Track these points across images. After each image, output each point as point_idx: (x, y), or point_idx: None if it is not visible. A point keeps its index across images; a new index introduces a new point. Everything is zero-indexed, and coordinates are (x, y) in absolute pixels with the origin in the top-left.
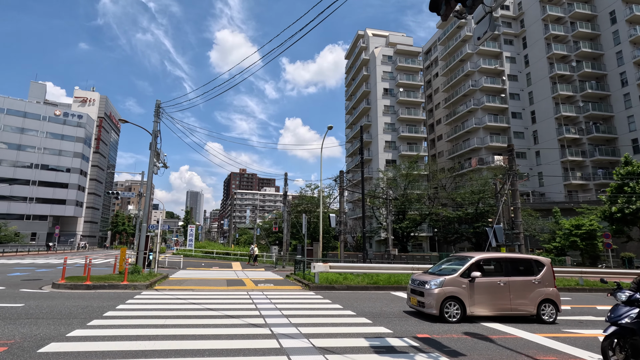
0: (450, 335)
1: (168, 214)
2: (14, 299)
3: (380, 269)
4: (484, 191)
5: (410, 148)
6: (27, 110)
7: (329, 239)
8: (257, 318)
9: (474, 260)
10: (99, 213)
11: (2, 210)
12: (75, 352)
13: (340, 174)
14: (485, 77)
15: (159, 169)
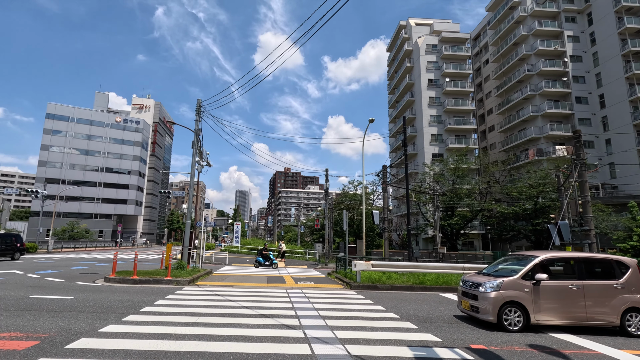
0: (512, 347)
1: (219, 213)
2: (66, 292)
3: (427, 268)
4: (545, 184)
5: (458, 141)
6: (93, 119)
7: (373, 237)
8: (292, 319)
9: (538, 260)
10: (156, 212)
11: (74, 210)
12: (99, 349)
13: (383, 168)
14: (544, 60)
15: (203, 167)
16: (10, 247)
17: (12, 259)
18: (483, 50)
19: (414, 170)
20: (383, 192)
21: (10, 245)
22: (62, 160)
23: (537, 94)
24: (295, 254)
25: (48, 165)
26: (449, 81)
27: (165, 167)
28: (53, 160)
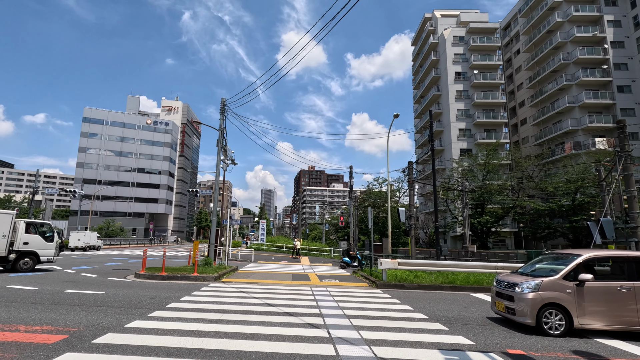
0: (554, 353)
1: (245, 211)
2: (98, 287)
3: (456, 267)
4: (583, 179)
5: (488, 135)
6: (126, 121)
7: (399, 235)
8: (316, 317)
9: (581, 259)
10: (185, 210)
11: (109, 209)
12: (124, 345)
13: (409, 164)
14: (581, 48)
15: (228, 165)
16: None
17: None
18: (514, 40)
19: (441, 167)
20: (409, 188)
21: None
22: (98, 161)
23: (574, 83)
24: (320, 252)
25: (85, 166)
26: (477, 73)
27: (193, 166)
28: (90, 161)
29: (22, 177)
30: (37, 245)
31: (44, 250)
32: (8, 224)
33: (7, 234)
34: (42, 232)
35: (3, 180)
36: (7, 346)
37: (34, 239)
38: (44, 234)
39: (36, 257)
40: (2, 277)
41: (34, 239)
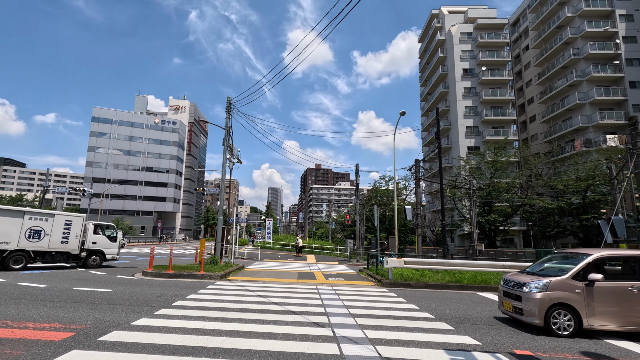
0: (563, 354)
1: (252, 209)
2: (106, 285)
3: (463, 266)
4: (594, 177)
5: (496, 132)
6: (134, 120)
7: (405, 233)
8: (321, 316)
9: (591, 259)
10: (193, 209)
11: (118, 207)
12: (129, 342)
13: (416, 162)
14: (592, 43)
15: (234, 164)
16: None
17: None
18: (523, 36)
19: (449, 164)
20: (416, 187)
21: None
22: (107, 160)
23: (585, 79)
24: (326, 250)
25: (95, 165)
26: (485, 70)
27: (200, 165)
28: (99, 160)
29: (34, 176)
30: (103, 244)
31: (109, 249)
32: (80, 226)
33: (79, 235)
34: (107, 233)
35: (15, 180)
36: (15, 343)
37: (101, 239)
38: (109, 235)
39: (102, 255)
40: (13, 274)
41: (100, 239)
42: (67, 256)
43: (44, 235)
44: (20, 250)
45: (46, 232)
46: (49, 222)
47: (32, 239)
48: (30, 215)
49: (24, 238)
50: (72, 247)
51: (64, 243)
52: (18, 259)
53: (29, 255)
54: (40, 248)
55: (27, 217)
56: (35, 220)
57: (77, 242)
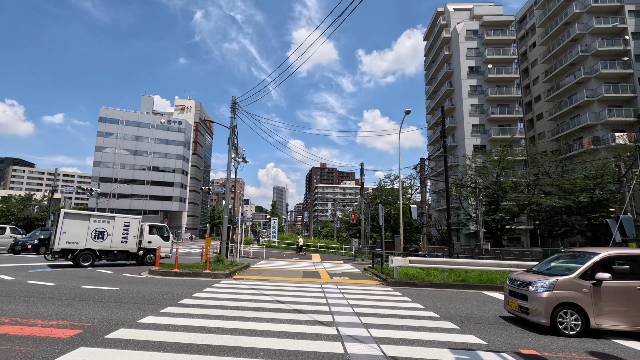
0: (569, 354)
1: (257, 208)
2: (113, 283)
3: (469, 265)
4: (602, 175)
5: (502, 131)
6: (140, 120)
7: (411, 232)
8: (326, 315)
9: (598, 258)
10: (198, 208)
11: (125, 207)
12: (136, 340)
13: (421, 161)
14: (600, 40)
15: (239, 163)
16: None
17: None
18: (529, 33)
19: (454, 163)
20: (421, 185)
21: None
22: (114, 160)
23: (593, 76)
24: (332, 249)
25: (102, 165)
26: (491, 68)
27: (206, 164)
28: (106, 160)
29: (42, 176)
30: (158, 244)
31: (163, 247)
32: (137, 227)
33: (137, 235)
34: (161, 233)
35: (24, 179)
36: (24, 340)
37: (156, 239)
38: (163, 235)
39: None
40: (22, 273)
41: (155, 238)
42: (127, 254)
43: (106, 235)
44: (88, 249)
45: (108, 233)
46: (111, 224)
47: (97, 239)
48: (94, 218)
49: (91, 238)
50: (130, 246)
51: (123, 242)
52: (86, 257)
53: (95, 254)
54: (104, 247)
55: (92, 220)
56: (99, 223)
57: (135, 242)
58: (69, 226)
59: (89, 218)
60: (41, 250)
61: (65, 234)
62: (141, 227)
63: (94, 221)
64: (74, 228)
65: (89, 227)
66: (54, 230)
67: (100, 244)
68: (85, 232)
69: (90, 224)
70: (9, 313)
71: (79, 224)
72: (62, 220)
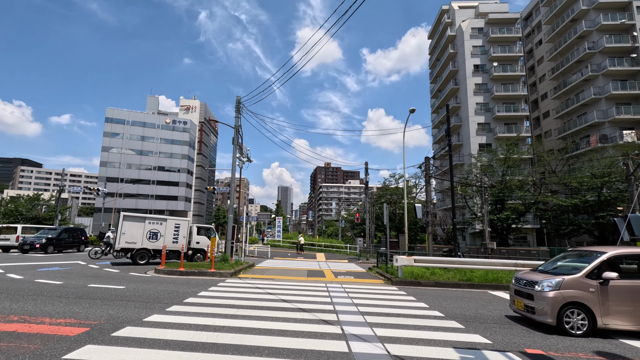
0: (576, 354)
1: (262, 208)
2: (120, 282)
3: (474, 264)
4: (610, 174)
5: (508, 129)
6: (146, 121)
7: (416, 231)
8: (330, 314)
9: (605, 257)
10: (204, 207)
11: (131, 206)
12: (142, 338)
13: (426, 160)
14: (607, 36)
15: (244, 162)
16: (76, 240)
17: (78, 251)
18: (535, 30)
19: (460, 162)
20: (426, 184)
21: (76, 239)
22: (120, 160)
23: (600, 74)
24: (336, 249)
25: (108, 165)
26: (497, 66)
27: (211, 164)
28: (112, 160)
29: (50, 176)
30: (205, 244)
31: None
32: (186, 228)
33: (186, 236)
34: (208, 234)
35: (32, 179)
36: (33, 338)
37: (203, 239)
38: (209, 236)
39: (204, 252)
40: (31, 272)
41: (203, 239)
42: (177, 254)
43: (159, 236)
44: (143, 248)
45: (161, 234)
46: (163, 226)
47: (151, 239)
48: (149, 220)
49: (146, 239)
50: (180, 246)
51: (174, 243)
52: (142, 256)
53: (150, 253)
54: (157, 247)
55: (147, 222)
56: (153, 224)
57: (185, 242)
58: (128, 227)
59: (144, 220)
60: (49, 250)
61: (125, 234)
62: (190, 229)
63: (149, 223)
64: (131, 229)
65: (144, 228)
66: (116, 231)
67: (154, 244)
68: (141, 233)
69: (145, 225)
70: (18, 311)
71: (135, 226)
72: (121, 222)
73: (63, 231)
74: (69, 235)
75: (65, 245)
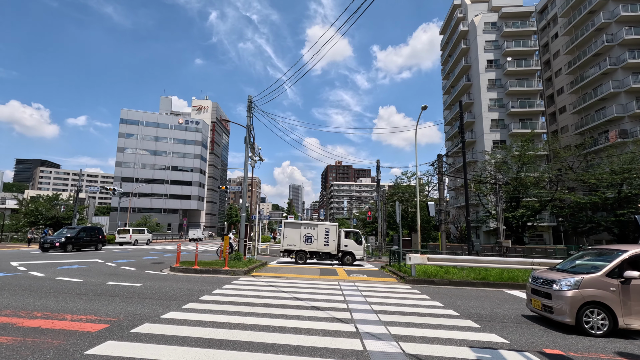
0: (596, 354)
1: (273, 207)
2: (137, 279)
3: (489, 263)
4: (630, 170)
5: (523, 125)
6: (159, 121)
7: (429, 230)
8: (344, 312)
9: (627, 255)
10: (216, 206)
11: (146, 205)
12: (160, 335)
13: (439, 157)
14: (627, 28)
15: (256, 162)
16: (94, 239)
17: (95, 249)
18: (551, 24)
19: (473, 159)
20: (439, 182)
21: (94, 237)
22: (135, 160)
23: (620, 67)
24: None
25: (123, 165)
26: (511, 61)
27: (223, 164)
28: (127, 160)
29: (68, 177)
30: (353, 247)
31: (357, 251)
32: (335, 232)
33: (336, 239)
34: (355, 238)
35: (51, 180)
36: (56, 333)
37: (351, 243)
38: (357, 240)
39: (353, 255)
40: (52, 270)
41: (350, 242)
42: (329, 255)
43: (313, 240)
44: (301, 250)
45: (314, 238)
46: (315, 230)
47: (306, 242)
48: (304, 225)
49: (302, 242)
50: (331, 249)
51: (325, 245)
52: (301, 256)
53: (306, 254)
54: (311, 249)
55: (302, 227)
56: (307, 229)
57: (335, 245)
58: (288, 233)
59: (300, 226)
60: (68, 248)
61: (287, 238)
62: (338, 233)
63: (304, 228)
64: (291, 234)
65: (301, 233)
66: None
67: (309, 246)
68: (298, 236)
69: (301, 230)
70: (41, 307)
71: (294, 231)
72: (283, 228)
73: (81, 230)
74: (87, 234)
75: (84, 244)
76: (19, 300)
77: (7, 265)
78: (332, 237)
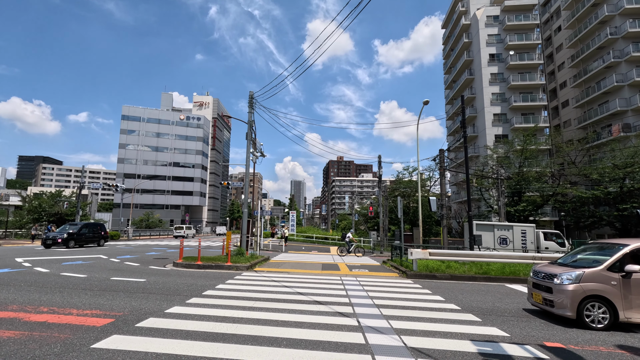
0: (597, 347)
1: (275, 202)
2: (140, 275)
3: (491, 257)
4: (633, 164)
5: (525, 119)
6: (160, 117)
7: (430, 225)
8: (346, 306)
9: (628, 249)
10: (218, 202)
11: (148, 202)
12: (164, 329)
13: (440, 152)
14: (631, 20)
15: (257, 157)
16: (96, 235)
17: (98, 245)
18: (554, 17)
19: (475, 154)
20: (440, 177)
21: (97, 234)
22: (137, 156)
23: (623, 60)
24: None
25: (125, 161)
26: (513, 54)
27: (224, 159)
28: (129, 157)
29: (70, 173)
30: (555, 249)
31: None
32: (532, 234)
33: (534, 241)
34: (557, 240)
35: (53, 177)
36: (62, 328)
37: (552, 245)
38: (557, 241)
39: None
40: (56, 265)
41: (551, 244)
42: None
43: (509, 241)
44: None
45: (510, 239)
46: (510, 232)
47: (501, 244)
48: (497, 227)
49: (497, 244)
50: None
51: (523, 247)
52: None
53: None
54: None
55: (495, 229)
56: (501, 231)
57: (533, 247)
58: (482, 235)
59: (494, 228)
60: (70, 244)
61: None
62: (537, 234)
63: (497, 230)
64: (485, 236)
65: (494, 235)
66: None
67: (505, 248)
68: (492, 239)
69: (495, 232)
70: (47, 303)
71: (487, 234)
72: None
73: (84, 226)
74: (89, 230)
75: (86, 240)
76: (25, 295)
77: (12, 262)
78: (529, 239)
